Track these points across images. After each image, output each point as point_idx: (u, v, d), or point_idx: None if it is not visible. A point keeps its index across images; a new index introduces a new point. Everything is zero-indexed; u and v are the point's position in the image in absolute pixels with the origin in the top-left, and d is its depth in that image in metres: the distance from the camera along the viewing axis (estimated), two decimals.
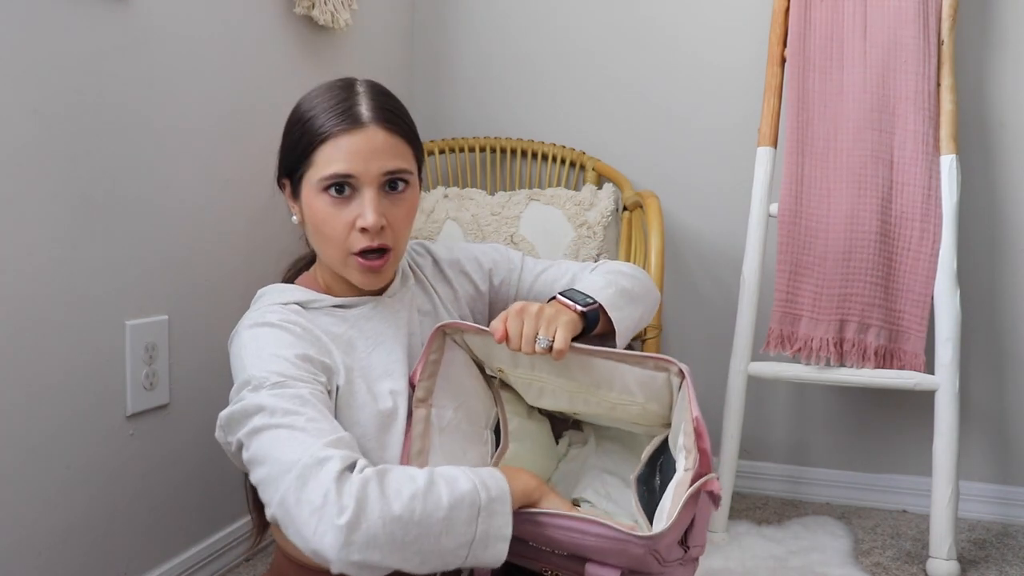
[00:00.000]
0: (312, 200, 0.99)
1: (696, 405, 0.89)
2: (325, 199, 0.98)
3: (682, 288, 2.08)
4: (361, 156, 0.97)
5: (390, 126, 0.99)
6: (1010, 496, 1.92)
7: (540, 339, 0.94)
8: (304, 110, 1.01)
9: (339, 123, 0.97)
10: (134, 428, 1.30)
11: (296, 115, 1.02)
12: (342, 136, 0.97)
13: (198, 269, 1.42)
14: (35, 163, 1.11)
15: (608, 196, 1.90)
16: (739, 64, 2.00)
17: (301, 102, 1.03)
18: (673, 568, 0.94)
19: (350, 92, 1.01)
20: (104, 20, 1.21)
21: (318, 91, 1.03)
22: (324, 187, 0.97)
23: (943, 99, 1.69)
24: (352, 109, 0.98)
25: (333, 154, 0.97)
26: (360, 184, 0.98)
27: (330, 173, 0.97)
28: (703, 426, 0.89)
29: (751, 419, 2.00)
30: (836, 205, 1.70)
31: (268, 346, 0.93)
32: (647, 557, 0.85)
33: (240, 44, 1.50)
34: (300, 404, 0.86)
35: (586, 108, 2.11)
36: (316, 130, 0.98)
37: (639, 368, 0.96)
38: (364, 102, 0.99)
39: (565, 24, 2.12)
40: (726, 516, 1.77)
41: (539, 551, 0.94)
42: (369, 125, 0.98)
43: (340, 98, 0.99)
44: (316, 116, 0.99)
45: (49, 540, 1.16)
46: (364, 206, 0.97)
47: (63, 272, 1.16)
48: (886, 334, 1.69)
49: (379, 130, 0.98)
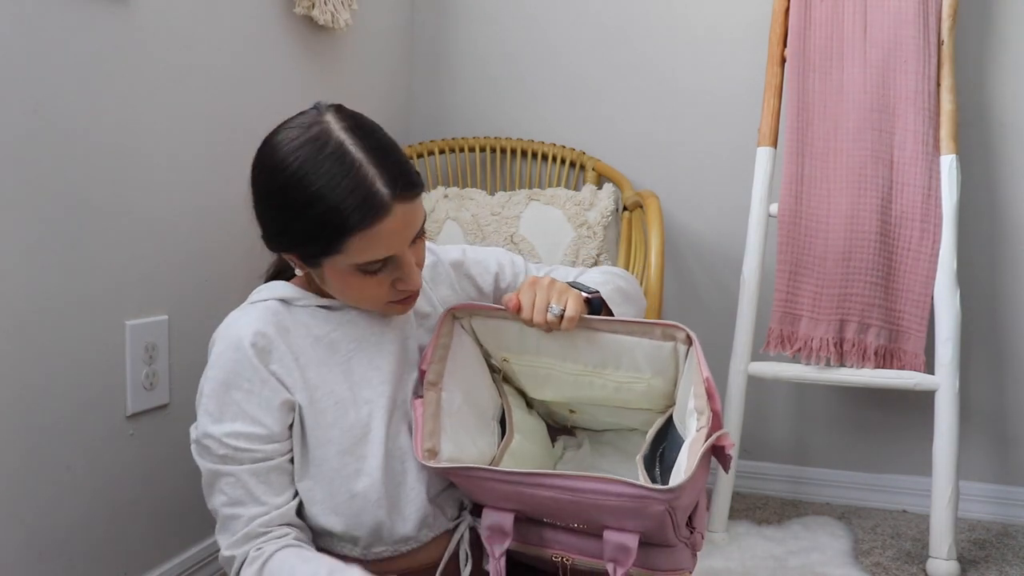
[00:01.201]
0: (342, 274, 0.94)
1: (706, 367, 0.91)
2: (359, 274, 0.94)
3: (682, 288, 2.08)
4: (396, 236, 0.91)
5: (407, 193, 0.91)
6: (1010, 496, 1.92)
7: (552, 307, 0.96)
8: (306, 195, 0.89)
9: (365, 215, 0.88)
10: (134, 428, 1.30)
11: (293, 198, 0.90)
12: (373, 227, 0.89)
13: (198, 269, 1.42)
14: (35, 163, 1.11)
15: (608, 196, 1.90)
16: (739, 64, 2.00)
17: (291, 180, 0.90)
18: (682, 547, 0.95)
19: (351, 164, 0.89)
20: (104, 20, 1.20)
21: (306, 163, 0.90)
22: (358, 268, 0.93)
23: (943, 99, 1.69)
24: (372, 193, 0.88)
25: (368, 246, 0.90)
26: (395, 256, 0.94)
27: (368, 260, 0.91)
28: (714, 387, 0.90)
29: (751, 419, 2.00)
30: (836, 205, 1.70)
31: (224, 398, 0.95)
32: (665, 518, 0.86)
33: (240, 44, 1.50)
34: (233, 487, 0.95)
35: (586, 108, 2.11)
36: (339, 224, 0.88)
37: (647, 339, 0.97)
38: (375, 176, 0.89)
39: (565, 24, 2.12)
40: (726, 516, 1.76)
41: (553, 531, 0.95)
42: (394, 206, 0.89)
43: (350, 179, 0.89)
44: (332, 208, 0.88)
45: (49, 540, 1.16)
46: (403, 272, 0.94)
47: (63, 272, 1.16)
48: (886, 334, 1.69)
49: (402, 206, 0.90)
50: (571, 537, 0.95)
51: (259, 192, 0.96)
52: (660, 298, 1.60)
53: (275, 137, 0.94)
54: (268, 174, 0.93)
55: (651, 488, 0.84)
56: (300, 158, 0.90)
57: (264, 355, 0.96)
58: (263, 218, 0.97)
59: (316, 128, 0.91)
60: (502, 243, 1.85)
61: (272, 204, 0.94)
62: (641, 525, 0.88)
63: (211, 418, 0.94)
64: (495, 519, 0.96)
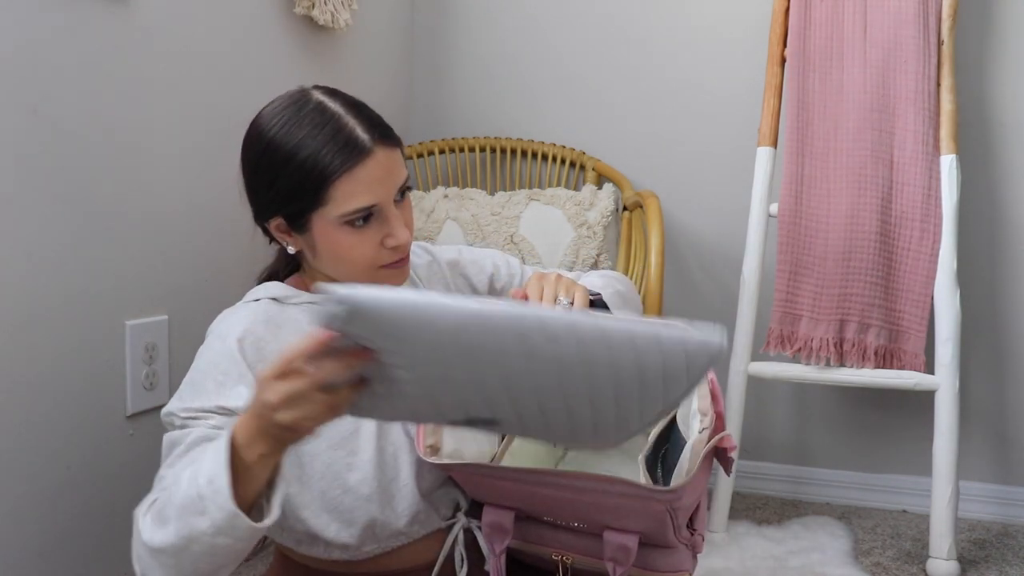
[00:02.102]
0: (331, 233, 0.96)
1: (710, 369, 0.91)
2: (347, 230, 0.95)
3: (682, 288, 2.08)
4: (379, 183, 0.94)
5: (387, 140, 0.96)
6: (1010, 496, 1.92)
7: (561, 299, 0.96)
8: (288, 147, 0.93)
9: (347, 157, 0.92)
10: (134, 428, 1.30)
11: (277, 153, 0.94)
12: (356, 169, 0.93)
13: (198, 269, 1.42)
14: (35, 163, 1.11)
15: (608, 196, 1.90)
16: (739, 64, 2.00)
17: (276, 137, 0.94)
18: (682, 548, 0.95)
19: (331, 116, 0.95)
20: (104, 20, 1.21)
21: (288, 121, 0.95)
22: (346, 221, 0.95)
23: (943, 99, 1.69)
24: (352, 138, 0.93)
25: (352, 189, 0.93)
26: (381, 207, 0.96)
27: (354, 208, 0.93)
28: (718, 388, 0.91)
29: (751, 419, 2.00)
30: (836, 205, 1.70)
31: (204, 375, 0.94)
32: (665, 518, 0.86)
33: (240, 44, 1.50)
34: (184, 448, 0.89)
35: (586, 108, 2.11)
36: (322, 168, 0.92)
37: None
38: (354, 124, 0.94)
39: (565, 24, 2.12)
40: (726, 516, 1.77)
41: (553, 530, 0.95)
42: (374, 149, 0.94)
43: (330, 127, 0.94)
44: (314, 153, 0.93)
45: (49, 540, 1.16)
46: (391, 226, 0.96)
47: (63, 272, 1.16)
48: (886, 334, 1.69)
49: (382, 149, 0.95)
50: (571, 537, 0.95)
51: (246, 163, 1.00)
52: (660, 298, 1.60)
53: (259, 113, 0.99)
54: (253, 141, 0.98)
55: (652, 488, 0.84)
56: (282, 119, 0.95)
57: (250, 353, 0.95)
58: (251, 186, 1.00)
59: (297, 94, 0.98)
60: (502, 243, 1.85)
61: (258, 168, 0.97)
62: (642, 525, 0.88)
63: (179, 400, 0.93)
64: (495, 517, 0.96)
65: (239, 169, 1.00)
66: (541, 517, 0.96)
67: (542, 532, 0.96)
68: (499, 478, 0.92)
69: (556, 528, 0.96)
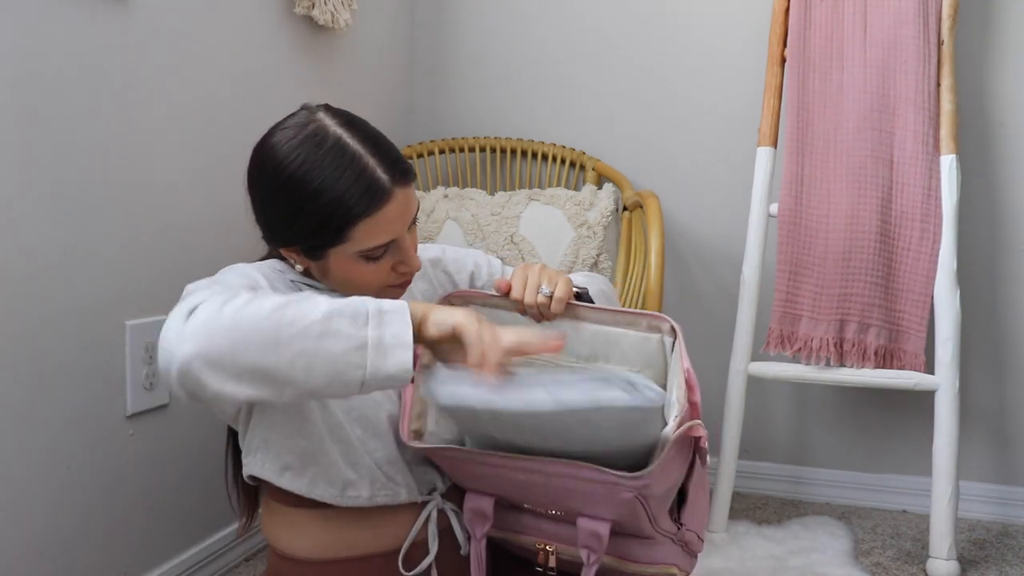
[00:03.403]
0: (345, 263, 0.98)
1: (687, 359, 0.92)
2: (362, 262, 0.98)
3: (682, 288, 2.08)
4: (397, 222, 0.97)
5: (404, 179, 0.97)
6: (1010, 496, 1.92)
7: (543, 288, 0.98)
8: (311, 188, 0.93)
9: (370, 201, 0.94)
10: (134, 428, 1.30)
11: (298, 192, 0.94)
12: (377, 212, 0.94)
13: (198, 269, 1.42)
14: (35, 163, 1.11)
15: (608, 196, 1.90)
16: (739, 64, 2.00)
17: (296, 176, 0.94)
18: (666, 542, 0.95)
19: (351, 156, 0.95)
20: (104, 20, 1.21)
21: (308, 160, 0.94)
22: (363, 255, 0.97)
23: (943, 99, 1.69)
24: (374, 181, 0.94)
25: (372, 231, 0.95)
26: (396, 240, 0.99)
27: (373, 246, 0.96)
28: (694, 379, 0.92)
29: (751, 419, 2.00)
30: (836, 205, 1.70)
31: (237, 283, 0.94)
32: (636, 506, 0.87)
33: (240, 44, 1.50)
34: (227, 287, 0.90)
35: (586, 108, 2.11)
36: (345, 212, 0.93)
37: (633, 331, 0.98)
38: (375, 165, 0.95)
39: (565, 24, 2.12)
40: (726, 516, 1.77)
41: (534, 518, 0.97)
42: (394, 191, 0.95)
43: (352, 169, 0.94)
44: (337, 197, 0.93)
45: (49, 540, 1.16)
46: (404, 255, 0.99)
47: (63, 272, 1.16)
48: (886, 334, 1.69)
49: (400, 190, 0.96)
50: (550, 524, 0.97)
51: (260, 194, 0.99)
52: (660, 298, 1.60)
53: (271, 139, 0.97)
54: (269, 175, 0.97)
55: (618, 474, 0.85)
56: (301, 155, 0.94)
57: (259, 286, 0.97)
58: (265, 218, 1.00)
59: (312, 126, 0.96)
60: (502, 243, 1.85)
61: (276, 203, 0.97)
62: (613, 512, 0.89)
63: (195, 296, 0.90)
64: (476, 503, 0.98)
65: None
66: (521, 504, 0.97)
67: (524, 520, 0.98)
68: (475, 462, 0.93)
69: (537, 516, 0.98)
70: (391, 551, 1.00)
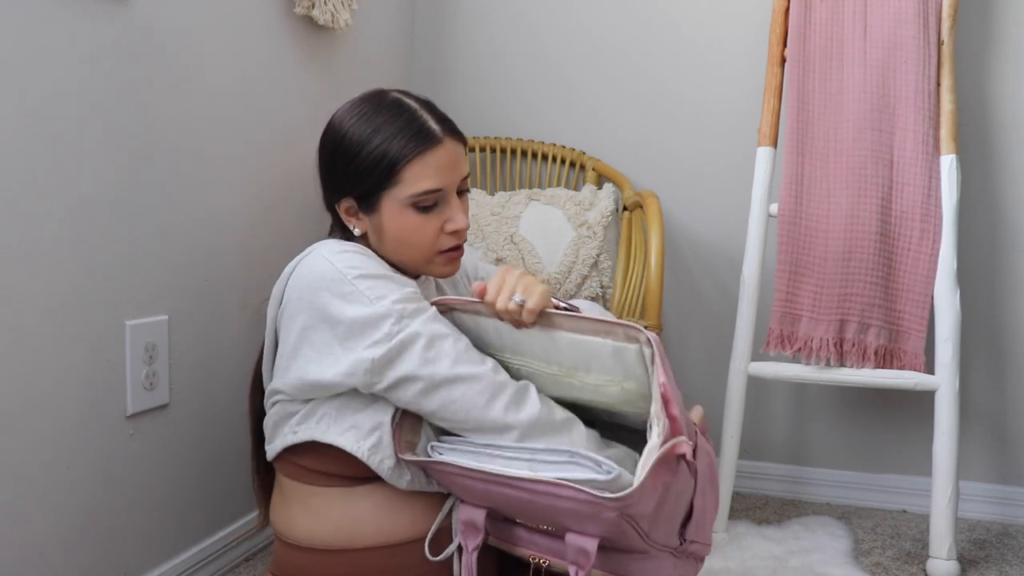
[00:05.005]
0: (398, 215, 1.06)
1: (663, 371, 0.91)
2: (412, 212, 1.06)
3: (682, 288, 2.08)
4: (446, 170, 1.06)
5: (456, 136, 1.08)
6: (1010, 496, 1.92)
7: (516, 296, 0.99)
8: (366, 133, 1.06)
9: (420, 143, 1.04)
10: (134, 428, 1.30)
11: (354, 139, 1.06)
12: (427, 154, 1.04)
13: (198, 269, 1.42)
14: (34, 163, 1.11)
15: (608, 196, 1.90)
16: (739, 64, 2.00)
17: (354, 125, 1.07)
18: (663, 554, 0.95)
19: (406, 108, 1.07)
20: (104, 20, 1.21)
21: (366, 112, 1.07)
22: (413, 203, 1.05)
23: (943, 99, 1.69)
24: (426, 127, 1.05)
25: (422, 172, 1.04)
26: (445, 194, 1.07)
27: (423, 190, 1.05)
28: (670, 392, 0.90)
29: (751, 419, 2.00)
30: (836, 205, 1.70)
31: (374, 270, 1.00)
32: (623, 525, 0.87)
33: (240, 44, 1.50)
34: (444, 326, 1.00)
35: (586, 108, 2.11)
36: (397, 151, 1.04)
37: (611, 340, 0.97)
38: (428, 117, 1.07)
39: (565, 24, 2.12)
40: (726, 516, 1.77)
41: (527, 532, 0.97)
42: (444, 139, 1.06)
43: (405, 117, 1.06)
44: (389, 138, 1.04)
45: (49, 540, 1.16)
46: (453, 211, 1.08)
47: (63, 272, 1.16)
48: (886, 334, 1.69)
49: (451, 142, 1.07)
50: (543, 538, 0.97)
51: (325, 151, 1.11)
52: (660, 298, 1.60)
53: (335, 113, 1.12)
54: (331, 132, 1.10)
55: (599, 496, 0.85)
56: (361, 110, 1.08)
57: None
58: (326, 171, 1.12)
59: (374, 92, 1.11)
60: (502, 243, 1.85)
61: (338, 150, 1.08)
62: (601, 530, 0.89)
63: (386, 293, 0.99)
64: (468, 514, 0.99)
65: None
66: (514, 518, 0.97)
67: (518, 533, 0.99)
68: (464, 476, 0.94)
69: (530, 530, 0.98)
70: (412, 540, 1.01)
